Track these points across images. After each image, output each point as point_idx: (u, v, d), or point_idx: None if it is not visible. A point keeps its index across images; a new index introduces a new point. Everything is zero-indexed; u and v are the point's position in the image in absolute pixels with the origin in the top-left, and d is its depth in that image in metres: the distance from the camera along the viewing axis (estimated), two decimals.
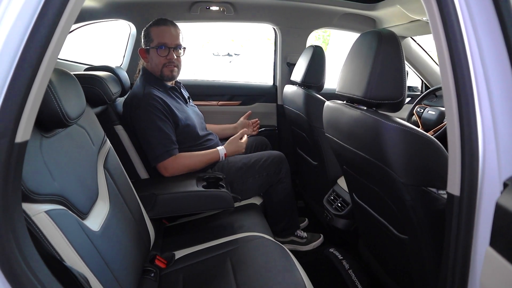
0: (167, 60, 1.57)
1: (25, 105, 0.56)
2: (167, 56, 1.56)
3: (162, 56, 1.56)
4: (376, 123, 0.91)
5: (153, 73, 1.61)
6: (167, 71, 1.59)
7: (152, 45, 1.56)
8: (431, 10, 0.64)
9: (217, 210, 1.46)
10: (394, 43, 0.94)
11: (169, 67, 1.58)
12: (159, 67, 1.58)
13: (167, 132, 1.48)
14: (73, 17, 0.59)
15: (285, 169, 1.72)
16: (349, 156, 1.11)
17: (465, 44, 0.60)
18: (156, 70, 1.59)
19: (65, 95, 0.84)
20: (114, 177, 1.12)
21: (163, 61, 1.57)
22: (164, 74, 1.59)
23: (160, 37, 1.55)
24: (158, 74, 1.59)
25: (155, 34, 1.56)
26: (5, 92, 0.54)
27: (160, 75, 1.60)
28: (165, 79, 1.62)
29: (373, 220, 1.18)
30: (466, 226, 0.63)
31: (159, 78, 1.61)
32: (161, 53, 1.56)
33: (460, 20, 0.61)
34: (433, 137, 0.86)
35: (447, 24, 0.62)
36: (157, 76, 1.61)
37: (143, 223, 1.22)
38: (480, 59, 0.60)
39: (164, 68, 1.58)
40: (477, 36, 0.60)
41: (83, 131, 1.04)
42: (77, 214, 0.83)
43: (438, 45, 0.64)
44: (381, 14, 2.08)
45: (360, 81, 0.98)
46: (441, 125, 1.80)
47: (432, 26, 0.65)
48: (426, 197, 0.89)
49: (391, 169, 0.89)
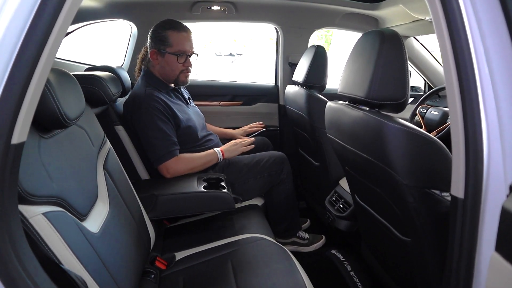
0: (184, 67, 1.60)
1: (21, 106, 0.55)
2: (184, 63, 1.59)
3: (180, 63, 1.58)
4: (379, 124, 0.89)
5: (161, 76, 1.61)
6: (183, 77, 1.62)
7: (171, 50, 1.55)
8: (434, 9, 0.63)
9: (218, 211, 1.45)
10: (397, 43, 0.93)
11: (186, 73, 1.62)
12: (176, 73, 1.60)
13: (168, 133, 1.47)
14: (71, 15, 0.58)
15: (287, 170, 1.71)
16: (351, 157, 1.10)
17: (469, 43, 0.59)
18: (170, 75, 1.60)
19: (64, 96, 0.83)
20: (114, 178, 1.12)
21: (181, 68, 1.59)
22: (180, 80, 1.62)
23: (181, 44, 1.56)
24: (172, 79, 1.62)
25: (175, 40, 1.55)
26: (0, 92, 0.54)
27: (175, 81, 1.63)
28: (180, 84, 1.66)
29: (376, 222, 1.16)
30: (470, 230, 0.62)
31: (168, 82, 1.63)
32: (180, 60, 1.57)
33: (464, 18, 0.59)
34: (436, 138, 0.85)
35: (451, 23, 0.60)
36: (162, 78, 1.61)
37: (143, 224, 1.21)
38: (485, 58, 0.58)
39: (181, 75, 1.61)
40: (482, 35, 0.58)
41: (82, 132, 1.03)
42: (75, 215, 0.82)
43: (442, 44, 0.63)
44: (384, 13, 2.06)
45: (362, 82, 0.97)
46: (444, 126, 1.78)
47: (436, 25, 0.64)
48: (429, 199, 0.87)
49: (394, 170, 0.88)
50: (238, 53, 10.26)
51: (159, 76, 1.61)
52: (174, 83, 1.65)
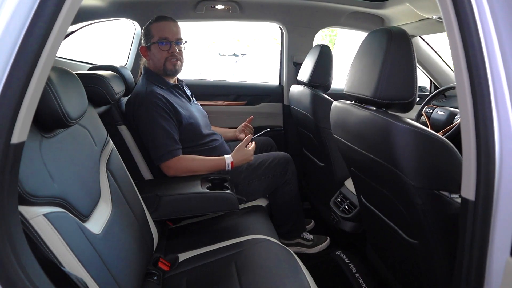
0: (169, 54, 1.56)
1: (21, 105, 0.54)
2: (169, 50, 1.56)
3: (164, 51, 1.56)
4: (386, 124, 0.88)
5: (155, 70, 1.60)
6: (170, 64, 1.57)
7: (153, 40, 1.56)
8: (445, 7, 0.61)
9: (222, 212, 1.44)
10: (405, 41, 0.91)
11: (172, 60, 1.57)
12: (162, 61, 1.57)
13: (170, 132, 1.46)
14: (72, 13, 0.57)
15: (291, 171, 1.70)
16: (357, 158, 1.08)
17: (480, 40, 0.57)
18: (158, 65, 1.58)
19: (66, 95, 0.82)
20: (116, 178, 1.11)
21: (165, 55, 1.56)
22: (167, 68, 1.58)
23: (160, 32, 1.55)
24: (161, 69, 1.58)
25: (156, 30, 1.56)
26: (0, 91, 0.53)
27: (163, 70, 1.58)
28: (168, 73, 1.60)
29: (382, 224, 1.14)
30: (481, 234, 0.60)
31: (162, 74, 1.60)
32: (162, 48, 1.55)
33: (476, 16, 0.57)
34: (445, 139, 0.83)
35: (462, 20, 0.58)
36: (159, 73, 1.60)
37: (146, 225, 1.20)
38: (500, 55, 0.56)
39: (167, 62, 1.57)
40: (498, 32, 0.56)
41: (85, 132, 1.02)
42: (77, 216, 0.81)
43: (452, 41, 0.61)
44: (390, 12, 2.04)
45: (369, 81, 0.95)
46: (450, 126, 1.75)
47: (446, 23, 0.62)
48: (438, 201, 0.85)
49: (402, 171, 0.86)
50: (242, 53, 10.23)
51: (155, 71, 1.60)
52: (163, 74, 1.60)
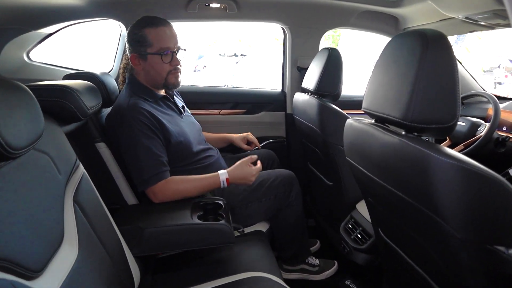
0: (172, 67, 1.36)
1: None
2: (171, 62, 1.36)
3: (167, 63, 1.35)
4: (422, 156, 0.68)
5: (147, 82, 1.39)
6: (173, 78, 1.38)
7: (152, 50, 1.33)
8: None
9: (215, 245, 1.25)
10: (445, 47, 0.71)
11: (175, 73, 1.38)
12: (163, 75, 1.36)
13: (155, 152, 1.25)
14: None
15: (296, 191, 1.50)
16: (379, 192, 0.88)
17: None
18: (158, 79, 1.37)
19: (7, 118, 0.63)
20: (86, 212, 0.91)
21: (168, 68, 1.36)
22: (169, 82, 1.39)
23: (162, 41, 1.33)
24: (160, 83, 1.39)
25: (155, 38, 1.32)
26: None
27: (164, 84, 1.39)
28: (170, 87, 1.42)
29: (406, 266, 0.94)
30: None
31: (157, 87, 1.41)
32: (165, 60, 1.34)
33: None
34: (504, 179, 0.62)
35: None
36: (148, 84, 1.39)
37: (124, 263, 1.01)
38: None
39: (170, 76, 1.37)
40: None
41: (45, 158, 0.83)
42: (25, 275, 0.63)
43: None
44: (407, 11, 1.83)
45: (397, 98, 0.75)
46: (474, 139, 1.54)
47: None
48: (491, 258, 0.65)
49: (443, 219, 0.66)
50: (243, 54, 10.03)
51: (146, 83, 1.39)
52: (163, 88, 1.43)
